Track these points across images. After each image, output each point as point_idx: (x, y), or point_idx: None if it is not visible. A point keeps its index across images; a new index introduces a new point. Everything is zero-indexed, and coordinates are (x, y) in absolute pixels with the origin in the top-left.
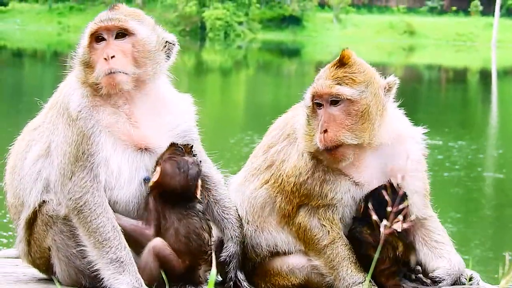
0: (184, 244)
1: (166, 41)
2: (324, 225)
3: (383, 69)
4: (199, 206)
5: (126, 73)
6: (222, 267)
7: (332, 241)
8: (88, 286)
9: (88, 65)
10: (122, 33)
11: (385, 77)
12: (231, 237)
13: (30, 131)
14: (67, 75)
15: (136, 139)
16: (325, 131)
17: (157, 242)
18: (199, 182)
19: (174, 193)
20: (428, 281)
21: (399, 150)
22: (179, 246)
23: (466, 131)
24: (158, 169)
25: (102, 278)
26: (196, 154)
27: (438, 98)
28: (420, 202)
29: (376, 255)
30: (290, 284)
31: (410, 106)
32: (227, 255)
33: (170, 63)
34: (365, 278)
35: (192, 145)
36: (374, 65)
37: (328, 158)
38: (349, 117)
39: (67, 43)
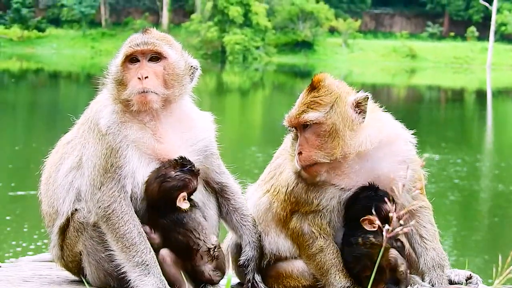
0: (184, 250)
1: (191, 66)
2: (313, 232)
3: (387, 89)
4: (186, 215)
5: (156, 93)
6: (241, 270)
7: (320, 249)
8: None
9: (121, 83)
10: (156, 57)
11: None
12: (249, 242)
13: (64, 144)
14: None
15: (160, 153)
16: (300, 153)
17: (162, 252)
18: (181, 194)
19: (151, 200)
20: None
21: (386, 151)
22: (180, 252)
23: (463, 146)
24: None
25: (129, 280)
26: (189, 170)
27: (437, 115)
28: (410, 197)
29: (378, 260)
30: (300, 285)
31: (412, 122)
32: (246, 259)
33: (193, 85)
34: (351, 283)
35: (185, 161)
36: (380, 86)
37: (305, 175)
38: (319, 138)
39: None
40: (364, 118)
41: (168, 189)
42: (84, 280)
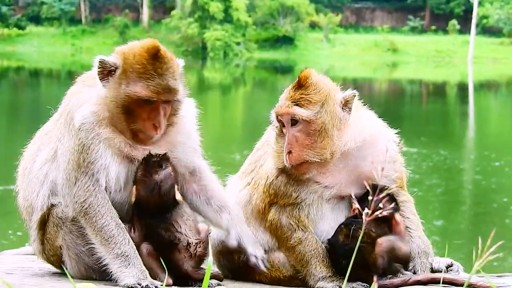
0: (165, 244)
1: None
2: (291, 224)
3: (369, 83)
4: (181, 210)
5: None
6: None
7: (299, 241)
8: (98, 280)
9: (127, 112)
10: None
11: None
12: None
13: (42, 135)
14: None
15: (135, 151)
16: (289, 152)
17: (141, 246)
18: (175, 188)
19: (154, 209)
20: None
21: (369, 150)
22: (160, 247)
23: (444, 139)
24: (134, 190)
25: (110, 272)
26: (165, 164)
27: (419, 110)
28: (393, 191)
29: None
30: (282, 276)
31: (394, 117)
32: (254, 255)
33: None
34: (333, 273)
35: (161, 159)
36: (361, 80)
37: (294, 172)
38: (309, 137)
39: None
40: (350, 116)
41: (168, 190)
42: (66, 272)
